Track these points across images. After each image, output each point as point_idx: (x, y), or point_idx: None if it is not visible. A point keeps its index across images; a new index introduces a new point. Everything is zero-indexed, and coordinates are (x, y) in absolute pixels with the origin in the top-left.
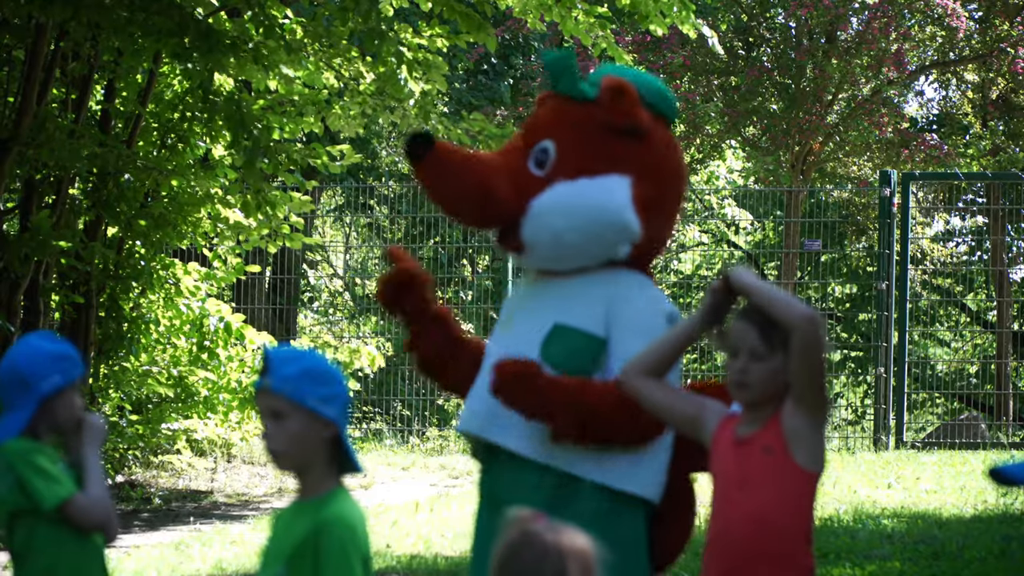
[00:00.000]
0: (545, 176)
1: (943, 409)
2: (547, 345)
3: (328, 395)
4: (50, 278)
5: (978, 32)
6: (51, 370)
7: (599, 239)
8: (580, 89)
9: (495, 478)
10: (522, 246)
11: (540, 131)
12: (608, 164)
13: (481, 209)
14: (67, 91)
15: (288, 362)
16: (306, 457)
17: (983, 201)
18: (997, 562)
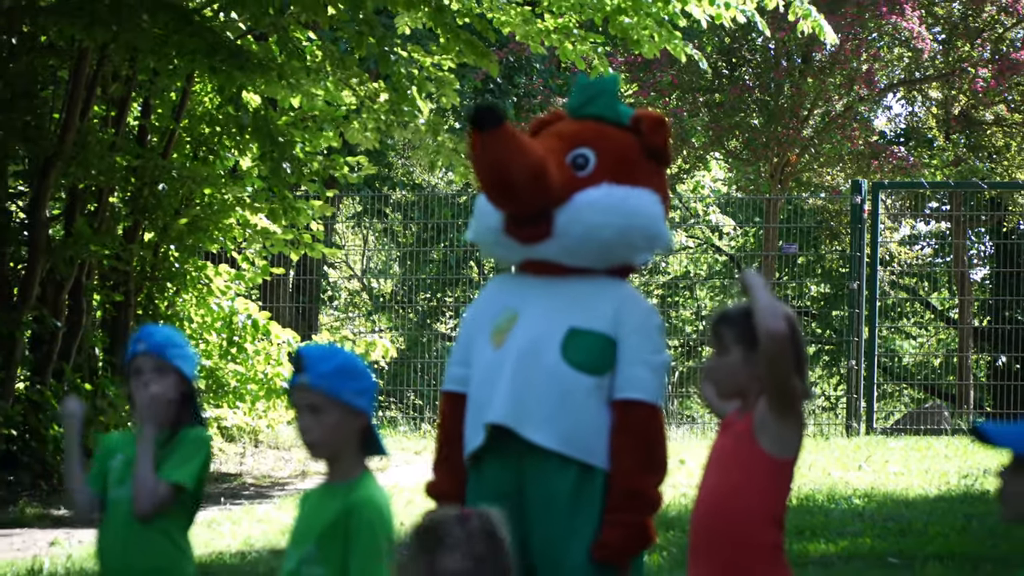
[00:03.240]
0: (587, 177)
1: (909, 398)
2: (566, 348)
3: (361, 388)
4: (92, 279)
5: (941, 53)
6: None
7: (628, 243)
8: (618, 112)
9: (510, 470)
10: (548, 233)
11: (579, 139)
12: (642, 180)
13: (535, 185)
14: (107, 108)
15: (323, 360)
16: (340, 446)
17: (946, 208)
18: (959, 538)
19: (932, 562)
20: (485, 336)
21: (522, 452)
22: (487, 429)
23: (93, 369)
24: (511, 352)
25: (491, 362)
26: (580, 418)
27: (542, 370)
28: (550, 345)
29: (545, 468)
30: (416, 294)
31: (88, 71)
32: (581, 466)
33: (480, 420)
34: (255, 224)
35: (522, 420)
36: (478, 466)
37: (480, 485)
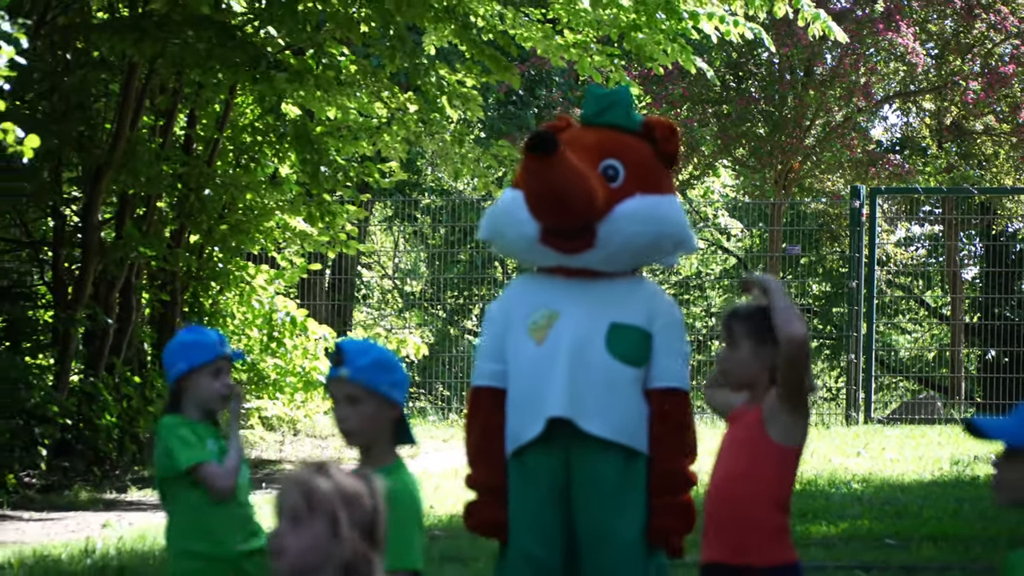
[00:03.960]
0: (620, 188)
1: (905, 390)
2: (610, 342)
3: (395, 381)
4: (141, 278)
5: (934, 67)
6: (177, 358)
7: (660, 248)
8: (633, 121)
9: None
10: (591, 244)
11: (604, 151)
12: (664, 186)
13: (586, 206)
14: (155, 119)
15: (361, 354)
16: (375, 435)
17: (939, 212)
18: (951, 520)
19: (926, 543)
20: (521, 333)
21: (570, 441)
22: (546, 422)
23: (142, 363)
24: (559, 348)
25: (535, 358)
26: (626, 407)
27: (592, 364)
28: (596, 340)
29: (593, 455)
30: (444, 292)
31: (137, 84)
32: (626, 451)
33: (532, 413)
34: (293, 227)
35: (579, 412)
36: (522, 456)
37: (525, 475)
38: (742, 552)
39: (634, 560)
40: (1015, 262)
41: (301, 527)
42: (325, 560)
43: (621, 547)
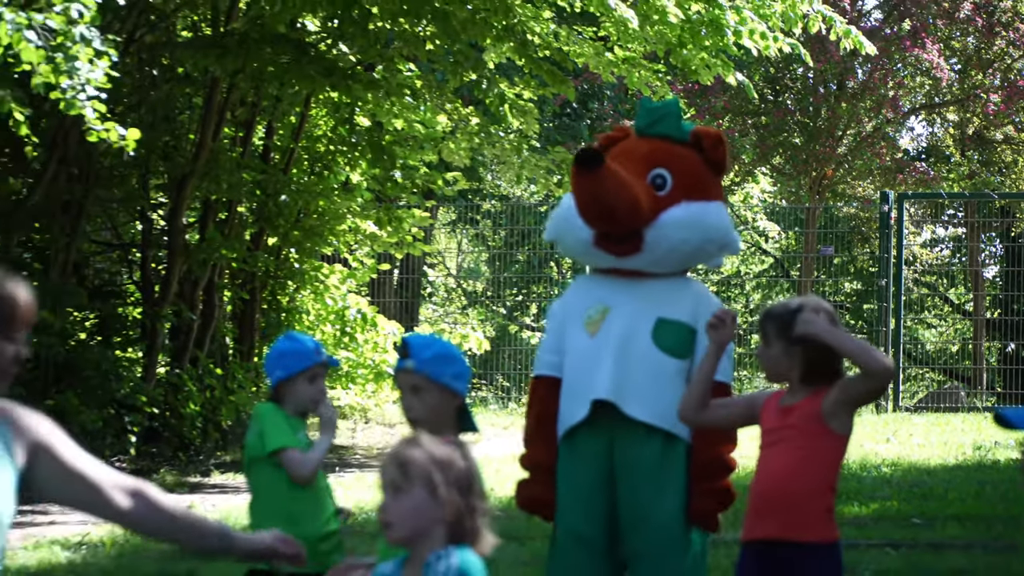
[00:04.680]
0: (666, 196)
1: (930, 380)
2: (656, 335)
3: (457, 373)
4: (223, 278)
5: (957, 81)
6: (276, 366)
7: (705, 252)
8: (683, 132)
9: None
10: (639, 249)
11: (655, 160)
12: (711, 193)
13: (631, 214)
14: (235, 130)
15: (426, 347)
16: (439, 422)
17: (962, 215)
18: (974, 501)
19: (951, 522)
20: (577, 327)
21: (614, 425)
22: (592, 404)
23: (224, 356)
24: (609, 339)
25: (587, 348)
26: (668, 395)
27: (637, 354)
28: (642, 333)
29: (635, 438)
30: (503, 291)
31: (219, 98)
32: (666, 436)
33: (581, 398)
34: (364, 230)
35: (623, 397)
36: (572, 439)
37: (574, 455)
38: (797, 529)
39: (672, 539)
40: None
41: (402, 497)
42: (430, 522)
43: (660, 527)
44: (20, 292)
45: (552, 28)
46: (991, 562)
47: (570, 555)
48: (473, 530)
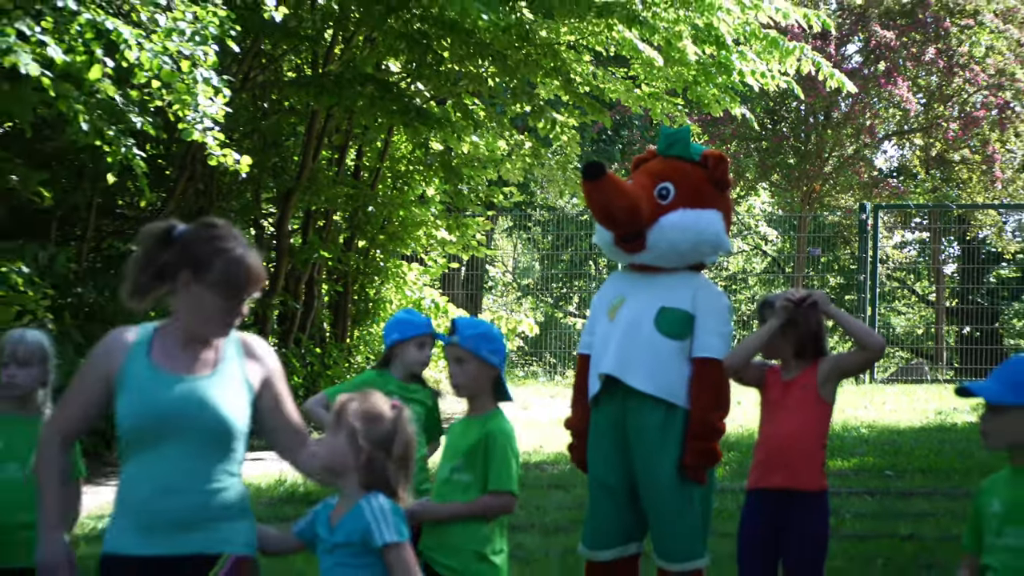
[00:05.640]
0: (668, 204)
1: (900, 358)
2: (659, 320)
3: (494, 349)
4: (321, 274)
5: (923, 112)
6: (393, 330)
7: (699, 250)
8: (692, 153)
9: (619, 408)
10: (643, 247)
11: (663, 176)
12: (709, 203)
13: (630, 218)
14: (331, 153)
15: (469, 327)
16: (478, 390)
17: (926, 223)
18: (936, 457)
19: (917, 474)
20: (603, 313)
21: (625, 395)
22: (601, 377)
23: (322, 338)
24: (620, 324)
25: (606, 331)
26: (667, 371)
27: (641, 336)
28: (647, 319)
29: (641, 407)
30: (550, 285)
31: (318, 126)
32: (667, 405)
33: (597, 373)
34: (436, 235)
35: (625, 371)
36: (596, 406)
37: (597, 420)
38: (796, 480)
39: (675, 488)
40: (984, 260)
41: (331, 436)
42: (344, 463)
43: (664, 479)
44: (255, 261)
45: (591, 69)
46: (949, 506)
47: (600, 501)
48: (386, 482)
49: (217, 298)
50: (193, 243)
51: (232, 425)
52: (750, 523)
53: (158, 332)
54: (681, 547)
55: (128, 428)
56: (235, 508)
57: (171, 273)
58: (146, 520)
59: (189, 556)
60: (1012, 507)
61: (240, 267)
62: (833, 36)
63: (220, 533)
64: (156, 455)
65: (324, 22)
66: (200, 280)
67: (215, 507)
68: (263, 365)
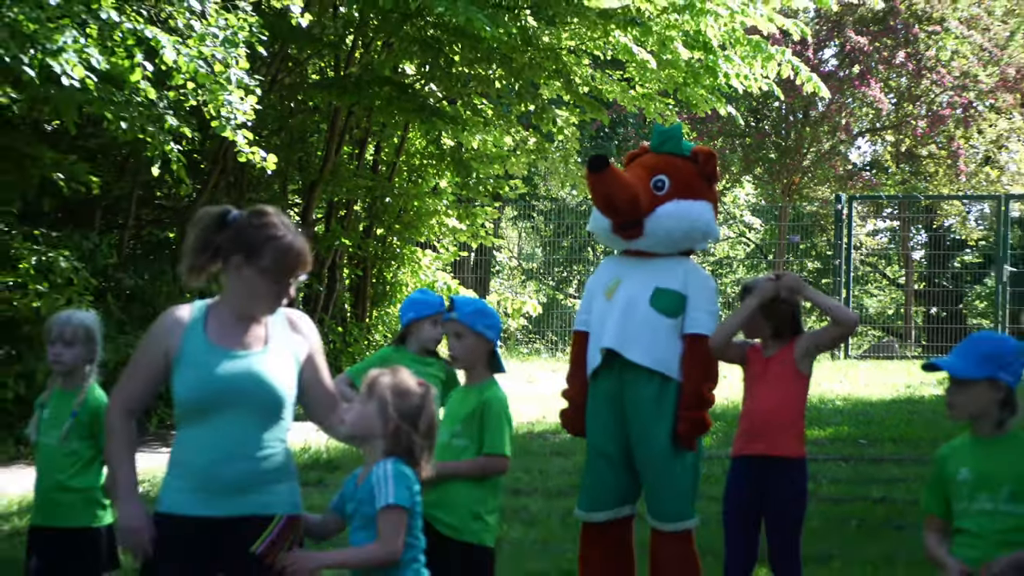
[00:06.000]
0: (663, 195)
1: (873, 336)
2: (654, 299)
3: (489, 324)
4: (342, 259)
5: (894, 111)
6: (409, 309)
7: (691, 238)
8: (684, 149)
9: (616, 380)
10: (640, 234)
11: (658, 169)
12: (700, 195)
13: (630, 207)
14: (352, 148)
15: (467, 305)
16: (474, 361)
17: (896, 212)
18: (905, 427)
19: (888, 442)
20: (600, 294)
21: (623, 368)
22: (602, 352)
23: (343, 318)
24: (618, 303)
25: (604, 309)
26: (662, 345)
27: (638, 314)
28: (643, 298)
29: (638, 379)
30: (552, 269)
31: (339, 124)
32: (662, 378)
33: (597, 347)
34: (448, 224)
35: (624, 346)
36: (595, 379)
37: (596, 391)
38: (778, 448)
39: (668, 455)
40: (949, 247)
41: (362, 405)
42: (372, 431)
43: (659, 446)
44: (302, 247)
45: (589, 72)
46: (918, 472)
47: (597, 466)
48: (411, 452)
49: (268, 281)
50: (246, 229)
51: (282, 397)
52: (735, 487)
53: (211, 310)
54: (673, 508)
55: (186, 400)
56: (284, 471)
57: (224, 255)
58: (204, 484)
59: (245, 517)
60: (981, 475)
61: (290, 253)
62: (811, 42)
63: (272, 495)
64: (212, 425)
65: (345, 29)
66: (252, 265)
67: (267, 471)
68: (306, 340)
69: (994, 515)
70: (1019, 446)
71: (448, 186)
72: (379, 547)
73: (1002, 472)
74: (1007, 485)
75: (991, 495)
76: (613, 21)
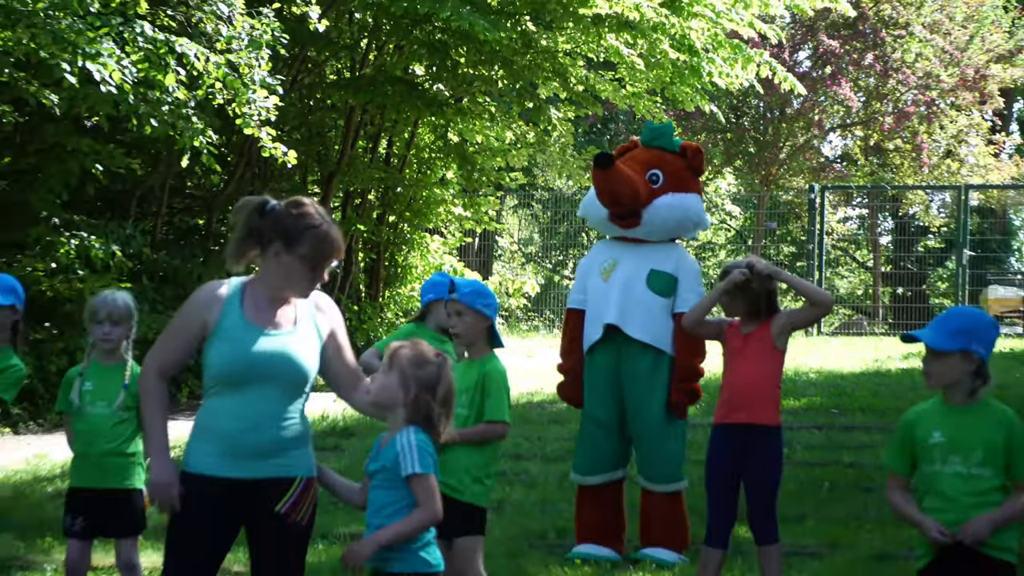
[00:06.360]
0: (658, 188)
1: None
2: (649, 281)
3: (488, 303)
4: (358, 244)
5: (863, 109)
6: (428, 291)
7: (684, 227)
8: (674, 145)
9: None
10: (639, 223)
11: (652, 164)
12: (690, 187)
13: (631, 198)
14: (367, 142)
15: (466, 286)
16: (474, 338)
17: (865, 201)
18: (873, 397)
19: (857, 412)
20: (595, 275)
21: (620, 343)
22: (604, 327)
23: (358, 297)
24: (616, 283)
25: (602, 289)
26: (657, 322)
27: (635, 294)
28: (639, 280)
29: (635, 352)
30: (550, 253)
31: (355, 120)
32: (656, 352)
33: (597, 324)
34: (454, 212)
35: (625, 322)
36: (592, 353)
37: (593, 365)
38: (756, 416)
39: (662, 422)
40: (913, 233)
41: (384, 376)
42: (394, 400)
43: (651, 413)
44: (337, 236)
45: (584, 73)
46: (885, 439)
47: (592, 432)
48: (429, 419)
49: (304, 267)
50: (285, 218)
51: (307, 374)
52: (717, 453)
53: (246, 288)
54: (665, 471)
55: (220, 372)
56: (302, 438)
57: (263, 242)
58: (231, 449)
59: (268, 479)
60: (954, 440)
61: (327, 241)
62: (787, 45)
63: (292, 459)
64: (242, 395)
65: (360, 33)
66: (290, 252)
67: (288, 439)
68: (329, 319)
69: (967, 478)
70: (990, 414)
71: (454, 177)
72: (422, 512)
73: (974, 438)
74: (979, 450)
75: (963, 459)
76: (605, 26)
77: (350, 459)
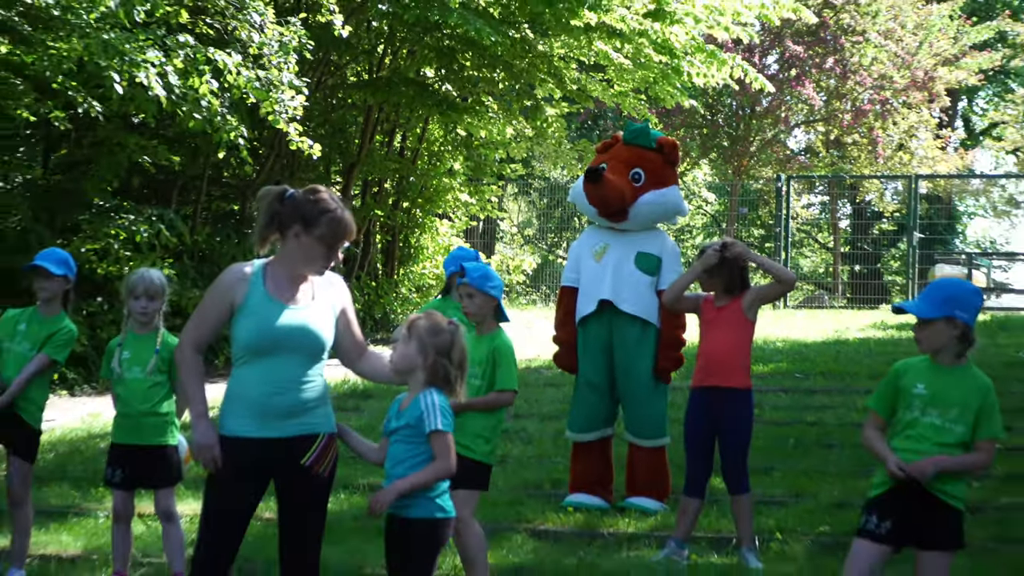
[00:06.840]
0: (641, 187)
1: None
2: (637, 261)
3: (494, 285)
4: (375, 227)
5: (824, 107)
6: (451, 264)
7: (666, 217)
8: (652, 142)
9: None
10: (625, 219)
11: (633, 163)
12: (668, 181)
13: (620, 205)
14: (383, 137)
15: (475, 271)
16: (483, 316)
17: (826, 189)
18: (834, 363)
19: (820, 376)
20: (588, 256)
21: (611, 316)
22: (599, 303)
23: (376, 274)
24: (608, 264)
25: (595, 269)
26: (645, 298)
27: (625, 273)
28: (628, 260)
29: (625, 324)
30: (546, 235)
31: (373, 117)
32: (643, 323)
33: (591, 299)
34: (461, 199)
35: (617, 298)
36: (584, 325)
37: (587, 336)
38: (730, 380)
39: (649, 385)
40: (869, 217)
41: (403, 345)
42: (413, 365)
43: (639, 379)
44: (350, 219)
45: (576, 74)
46: (844, 400)
47: (586, 394)
48: (447, 380)
49: (322, 247)
50: (303, 204)
51: (325, 342)
52: (694, 413)
53: (267, 268)
54: (651, 428)
55: (247, 344)
56: (322, 399)
57: (284, 225)
58: (261, 412)
59: (295, 436)
60: (935, 394)
61: (342, 224)
62: (757, 49)
63: (314, 418)
64: (267, 364)
65: (377, 39)
66: (309, 233)
67: (309, 400)
68: (340, 295)
69: (941, 429)
70: (970, 378)
71: (461, 168)
72: (438, 465)
73: (953, 396)
74: (955, 408)
75: (941, 412)
76: (595, 33)
77: (369, 418)
